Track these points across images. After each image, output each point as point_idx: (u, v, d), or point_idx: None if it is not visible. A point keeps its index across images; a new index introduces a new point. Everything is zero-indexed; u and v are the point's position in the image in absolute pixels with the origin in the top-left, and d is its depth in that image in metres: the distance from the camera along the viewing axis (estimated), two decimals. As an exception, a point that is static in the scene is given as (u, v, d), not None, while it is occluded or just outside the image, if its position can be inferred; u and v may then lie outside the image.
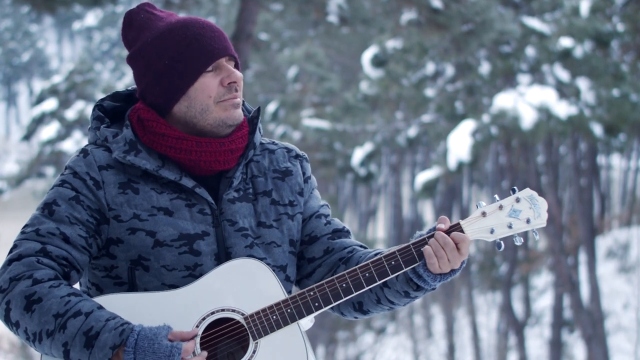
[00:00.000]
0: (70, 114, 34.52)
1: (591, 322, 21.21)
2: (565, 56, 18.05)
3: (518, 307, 27.28)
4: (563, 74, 18.47)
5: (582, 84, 18.22)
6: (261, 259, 2.87)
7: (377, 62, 22.45)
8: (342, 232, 3.03)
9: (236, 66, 2.91)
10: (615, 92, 17.78)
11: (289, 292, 2.93)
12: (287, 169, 3.01)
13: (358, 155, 24.78)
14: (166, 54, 2.86)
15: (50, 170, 35.09)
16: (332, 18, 15.04)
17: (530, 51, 18.81)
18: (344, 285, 2.83)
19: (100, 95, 34.17)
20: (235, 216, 2.89)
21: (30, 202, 46.93)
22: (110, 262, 2.85)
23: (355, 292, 2.83)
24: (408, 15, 15.94)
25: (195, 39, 2.86)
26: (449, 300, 27.16)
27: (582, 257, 24.49)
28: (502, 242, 2.89)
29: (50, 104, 35.40)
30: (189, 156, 2.86)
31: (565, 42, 18.01)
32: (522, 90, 18.00)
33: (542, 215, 2.90)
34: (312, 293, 2.82)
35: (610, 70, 18.01)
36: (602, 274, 27.67)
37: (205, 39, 2.86)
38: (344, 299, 2.84)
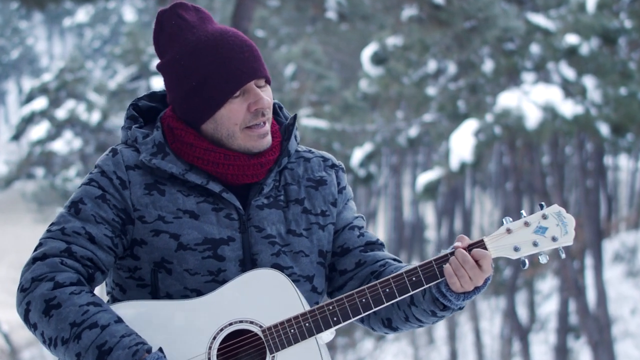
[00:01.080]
0: (61, 113, 34.67)
1: (597, 328, 21.29)
2: (571, 54, 18.02)
3: (522, 313, 27.39)
4: (569, 72, 18.45)
5: (589, 82, 18.18)
6: (287, 268, 2.88)
7: (377, 59, 22.68)
8: (375, 245, 3.03)
9: (267, 81, 2.90)
10: (623, 91, 17.97)
11: (316, 303, 2.93)
12: (322, 178, 3.01)
13: (357, 155, 24.84)
14: (194, 76, 2.86)
15: (40, 171, 35.20)
16: (331, 14, 15.32)
17: (535, 48, 18.93)
18: (364, 300, 2.83)
19: (91, 94, 34.37)
20: (263, 223, 2.90)
21: (19, 204, 46.60)
22: (134, 263, 2.88)
23: (375, 307, 2.84)
24: (409, 12, 16.17)
25: (223, 62, 2.85)
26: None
27: (589, 261, 24.54)
28: (526, 259, 2.86)
29: (40, 102, 35.60)
30: (216, 168, 2.88)
31: (571, 39, 18.03)
32: (526, 88, 18.12)
33: (570, 232, 2.87)
34: (331, 307, 2.83)
35: (618, 68, 18.08)
36: (608, 278, 27.87)
37: (234, 62, 2.85)
38: (363, 314, 2.84)
